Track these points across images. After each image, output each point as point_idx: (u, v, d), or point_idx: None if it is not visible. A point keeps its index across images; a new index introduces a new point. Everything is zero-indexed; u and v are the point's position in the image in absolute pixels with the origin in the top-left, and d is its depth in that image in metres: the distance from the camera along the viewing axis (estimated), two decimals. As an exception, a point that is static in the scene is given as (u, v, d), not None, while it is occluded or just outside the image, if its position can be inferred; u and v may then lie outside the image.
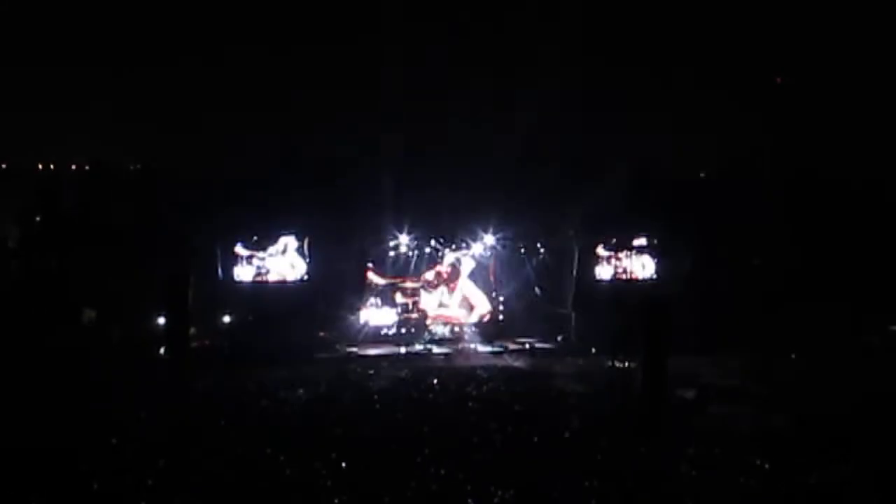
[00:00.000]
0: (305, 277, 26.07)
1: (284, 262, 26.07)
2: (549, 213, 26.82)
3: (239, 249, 25.83)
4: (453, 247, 27.16)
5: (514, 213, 26.67)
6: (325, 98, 25.22)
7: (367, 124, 25.27)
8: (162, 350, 21.06)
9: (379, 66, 24.31)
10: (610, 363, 21.43)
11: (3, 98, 24.13)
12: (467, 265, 27.41)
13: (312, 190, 25.38)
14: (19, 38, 24.03)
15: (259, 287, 25.88)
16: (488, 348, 25.62)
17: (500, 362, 23.67)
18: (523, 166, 25.56)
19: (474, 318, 27.37)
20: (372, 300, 26.81)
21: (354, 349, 25.04)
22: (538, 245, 27.33)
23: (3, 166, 26.20)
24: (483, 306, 27.49)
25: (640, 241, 27.40)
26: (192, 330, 21.99)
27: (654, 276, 27.21)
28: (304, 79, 25.08)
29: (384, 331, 26.77)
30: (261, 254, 26.02)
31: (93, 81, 24.43)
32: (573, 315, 26.41)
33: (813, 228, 25.70)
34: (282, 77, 24.94)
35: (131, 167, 27.04)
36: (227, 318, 25.39)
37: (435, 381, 20.39)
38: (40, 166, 26.41)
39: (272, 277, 26.00)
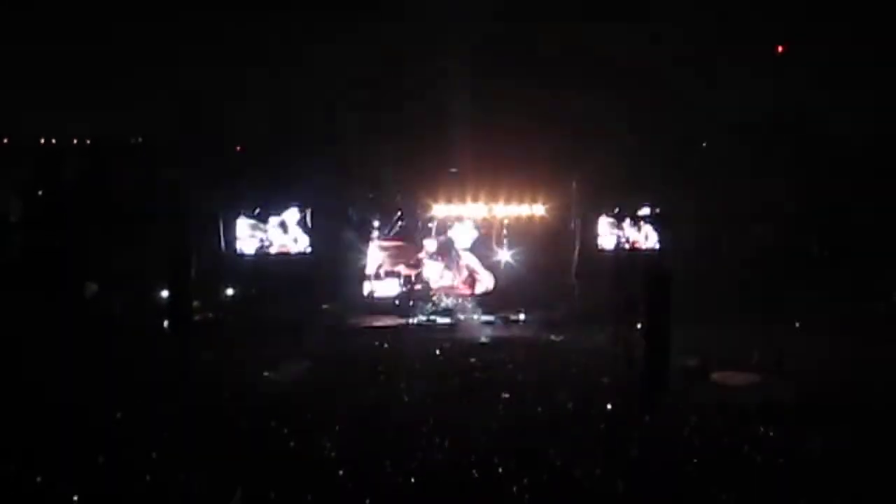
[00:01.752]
0: (308, 249, 26.08)
1: (287, 233, 26.06)
2: (551, 182, 26.78)
3: (241, 222, 25.82)
4: (455, 216, 27.09)
5: (516, 182, 26.65)
6: (323, 64, 25.09)
7: (367, 91, 25.17)
8: (165, 323, 21.11)
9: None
10: (613, 333, 21.41)
11: (3, 73, 24.04)
12: (469, 235, 27.33)
13: (313, 160, 25.34)
14: (18, 12, 23.90)
15: (261, 259, 25.89)
16: (491, 319, 25.59)
17: (502, 333, 23.68)
18: (525, 133, 25.42)
19: (477, 289, 27.31)
20: (375, 271, 26.78)
21: (358, 321, 25.03)
22: (541, 214, 27.26)
23: (5, 141, 26.15)
24: (485, 276, 27.42)
25: (644, 211, 27.38)
26: (195, 303, 22.08)
27: (658, 246, 27.18)
28: (303, 45, 24.95)
29: (388, 302, 26.72)
30: (263, 226, 26.02)
31: (92, 55, 24.30)
32: (576, 285, 26.38)
33: (818, 196, 25.63)
34: (281, 44, 24.82)
35: (132, 140, 26.98)
36: (229, 291, 25.43)
37: (438, 351, 20.43)
38: (42, 141, 26.35)
39: (274, 250, 26.01)
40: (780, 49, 25.99)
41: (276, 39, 24.81)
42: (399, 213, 26.73)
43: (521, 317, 25.57)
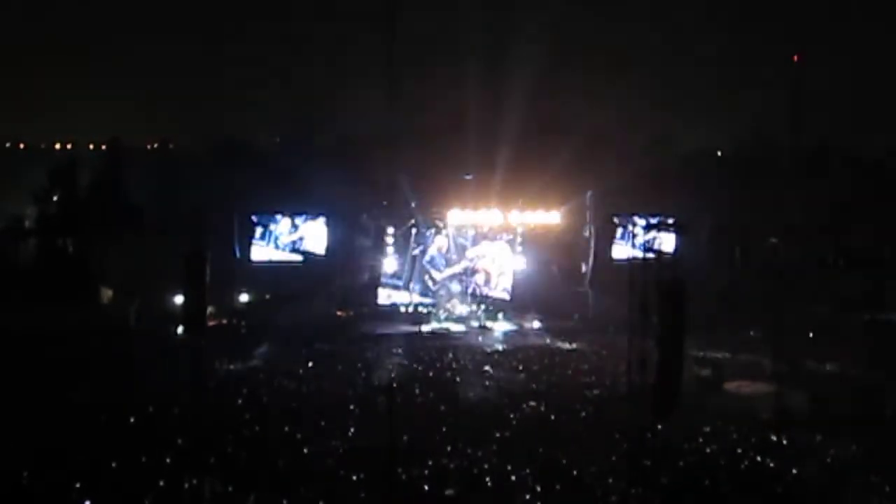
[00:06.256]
0: (323, 256, 26.10)
1: (302, 240, 26.10)
2: (566, 190, 26.76)
3: (256, 228, 25.86)
4: (469, 224, 27.07)
5: (531, 190, 26.65)
6: (344, 76, 25.23)
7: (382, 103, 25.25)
8: (179, 329, 21.13)
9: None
10: (626, 342, 21.33)
11: (20, 78, 24.20)
12: (486, 245, 27.30)
13: (330, 168, 25.36)
14: (36, 20, 24.08)
15: (276, 266, 25.91)
16: (506, 326, 25.54)
17: (517, 341, 23.62)
18: (541, 143, 25.47)
19: (493, 296, 27.24)
20: (390, 278, 26.74)
21: (372, 328, 24.96)
22: (555, 222, 27.22)
23: (21, 146, 26.29)
24: (501, 284, 27.38)
25: (658, 219, 27.28)
26: (210, 309, 22.09)
27: (672, 254, 27.07)
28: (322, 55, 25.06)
29: (402, 309, 26.66)
30: (278, 232, 26.04)
31: (109, 60, 24.46)
32: (590, 293, 26.34)
33: (832, 203, 25.56)
34: (299, 54, 24.95)
35: (148, 146, 27.11)
36: (244, 297, 25.44)
37: (451, 359, 20.37)
38: (57, 145, 26.49)
39: (289, 256, 26.03)
40: (794, 58, 25.93)
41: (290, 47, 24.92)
42: (413, 221, 26.70)
43: (536, 324, 25.52)
